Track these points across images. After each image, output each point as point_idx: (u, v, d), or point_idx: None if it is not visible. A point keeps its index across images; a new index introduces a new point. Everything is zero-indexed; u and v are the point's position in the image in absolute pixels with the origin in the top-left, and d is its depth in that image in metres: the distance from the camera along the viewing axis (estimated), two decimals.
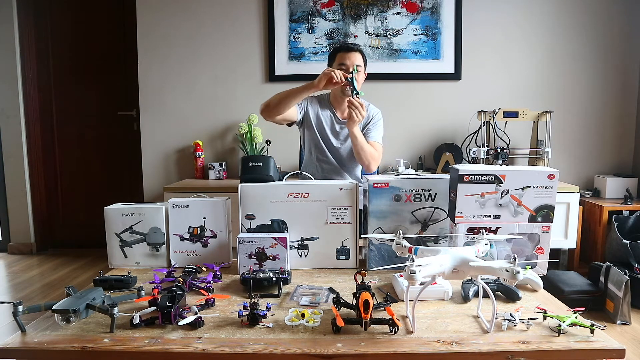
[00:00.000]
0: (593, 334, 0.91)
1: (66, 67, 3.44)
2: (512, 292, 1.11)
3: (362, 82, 2.05)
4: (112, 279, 1.21)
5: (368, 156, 1.97)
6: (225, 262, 1.38)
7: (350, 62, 1.97)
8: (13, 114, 3.35)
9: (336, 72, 1.78)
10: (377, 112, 2.13)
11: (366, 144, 1.97)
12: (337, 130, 2.11)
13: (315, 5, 3.09)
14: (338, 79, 1.78)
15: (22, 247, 3.45)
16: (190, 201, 1.37)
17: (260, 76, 3.18)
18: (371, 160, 1.98)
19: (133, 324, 0.95)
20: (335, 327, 0.93)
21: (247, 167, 1.40)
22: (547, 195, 1.19)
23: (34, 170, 3.45)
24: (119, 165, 3.51)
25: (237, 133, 3.18)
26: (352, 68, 1.92)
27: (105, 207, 1.38)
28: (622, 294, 2.11)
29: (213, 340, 0.91)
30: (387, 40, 3.10)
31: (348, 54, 1.98)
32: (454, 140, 3.12)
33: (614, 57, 3.07)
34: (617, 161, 3.15)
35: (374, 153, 2.00)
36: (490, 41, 3.10)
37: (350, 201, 1.35)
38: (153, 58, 3.17)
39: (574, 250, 2.78)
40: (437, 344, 0.89)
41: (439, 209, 1.33)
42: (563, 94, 3.11)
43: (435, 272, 0.90)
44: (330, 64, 2.05)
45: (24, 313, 0.96)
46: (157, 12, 3.14)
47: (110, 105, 3.45)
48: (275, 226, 1.36)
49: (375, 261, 1.35)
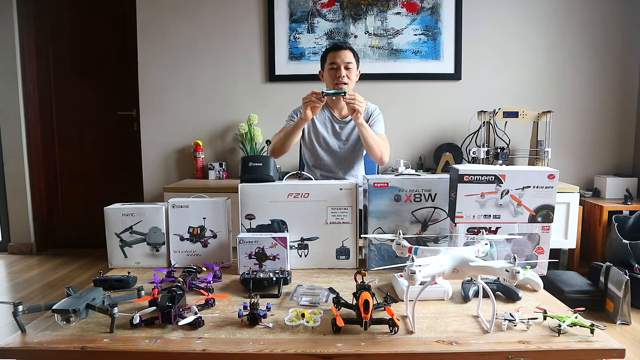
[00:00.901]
0: (593, 334, 0.91)
1: (66, 67, 3.44)
2: (512, 292, 1.11)
3: (356, 79, 2.05)
4: (112, 279, 1.21)
5: (380, 146, 1.94)
6: (225, 262, 1.38)
7: (340, 60, 1.96)
8: (13, 114, 3.35)
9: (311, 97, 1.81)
10: (375, 107, 2.12)
11: (375, 135, 1.95)
12: (337, 131, 2.09)
13: (315, 5, 3.09)
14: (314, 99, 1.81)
15: (22, 247, 3.45)
16: (190, 201, 1.37)
17: (260, 76, 3.18)
18: (383, 150, 1.95)
19: (133, 324, 0.95)
20: (335, 327, 0.93)
21: (247, 167, 1.40)
22: (547, 195, 1.19)
23: (34, 170, 3.45)
24: (119, 165, 3.50)
25: (237, 133, 3.18)
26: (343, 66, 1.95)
27: (105, 207, 1.38)
28: (622, 294, 2.11)
29: (213, 340, 0.91)
30: (387, 40, 3.10)
31: (338, 52, 1.98)
32: (454, 140, 3.12)
33: (614, 57, 3.07)
34: (617, 161, 3.15)
35: (384, 143, 1.98)
36: (490, 41, 3.10)
37: (350, 201, 1.35)
38: (153, 58, 3.17)
39: (574, 250, 2.78)
40: (437, 344, 0.89)
41: (439, 209, 1.33)
42: (563, 94, 3.11)
43: (435, 272, 0.90)
44: (323, 65, 2.06)
45: (24, 313, 0.96)
46: (157, 12, 3.14)
47: (110, 105, 3.45)
48: (275, 226, 1.36)
49: (375, 261, 1.35)
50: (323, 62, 2.06)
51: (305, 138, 2.10)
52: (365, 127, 1.90)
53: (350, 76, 1.98)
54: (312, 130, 2.09)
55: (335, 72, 1.97)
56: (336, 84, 1.97)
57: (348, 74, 1.97)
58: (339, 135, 2.09)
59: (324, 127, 2.09)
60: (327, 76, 2.02)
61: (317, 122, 2.08)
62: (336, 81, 1.97)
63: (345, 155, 2.10)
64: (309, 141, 2.10)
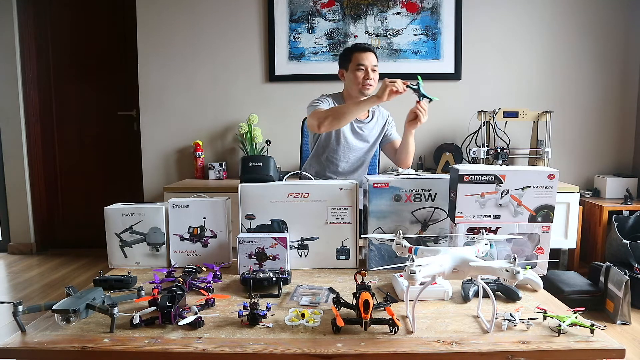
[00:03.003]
0: (593, 334, 0.91)
1: (66, 67, 3.44)
2: (512, 292, 1.11)
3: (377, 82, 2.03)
4: (112, 279, 1.21)
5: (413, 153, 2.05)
6: (225, 262, 1.38)
7: (368, 62, 1.97)
8: (13, 114, 3.35)
9: (398, 84, 1.74)
10: (387, 112, 2.17)
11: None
12: (357, 131, 2.07)
13: (315, 5, 3.09)
14: (401, 90, 1.75)
15: (22, 247, 3.45)
16: (190, 201, 1.37)
17: (260, 76, 3.18)
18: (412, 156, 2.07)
19: (133, 324, 0.95)
20: (335, 327, 0.93)
21: (247, 167, 1.40)
22: (547, 195, 1.19)
23: (34, 170, 3.45)
24: (119, 165, 3.50)
25: (237, 133, 3.18)
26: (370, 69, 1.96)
27: (105, 207, 1.38)
28: (622, 294, 2.11)
29: (213, 340, 0.91)
30: (387, 40, 3.10)
31: (365, 54, 1.97)
32: (454, 140, 3.12)
33: (614, 57, 3.07)
34: (617, 161, 3.15)
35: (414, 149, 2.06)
36: (490, 41, 3.09)
37: (350, 201, 1.35)
38: (153, 58, 3.17)
39: (574, 250, 2.78)
40: (437, 344, 0.89)
41: (439, 209, 1.33)
42: (563, 94, 3.11)
43: (435, 272, 0.90)
44: (346, 65, 2.02)
45: (24, 313, 0.96)
46: (157, 12, 3.14)
47: (110, 105, 3.45)
48: (275, 226, 1.36)
49: (375, 261, 1.35)
50: (346, 62, 2.02)
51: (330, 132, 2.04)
52: (413, 137, 1.98)
53: (375, 79, 1.99)
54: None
55: (362, 74, 1.97)
56: (363, 85, 1.97)
57: (374, 77, 1.98)
58: (360, 135, 2.08)
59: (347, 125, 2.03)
60: (353, 77, 1.99)
61: None
62: (364, 83, 1.97)
63: (361, 155, 2.11)
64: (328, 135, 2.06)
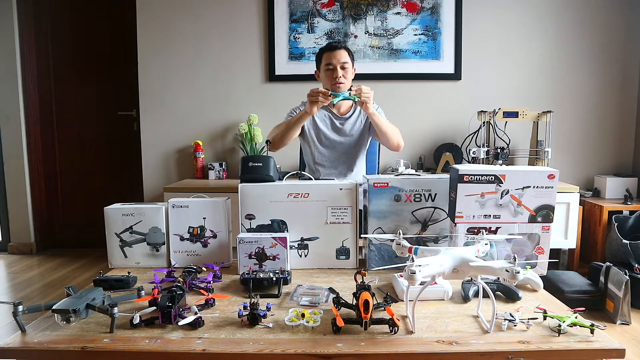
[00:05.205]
0: (593, 334, 0.91)
1: (66, 67, 3.44)
2: (512, 292, 1.11)
3: (352, 78, 2.05)
4: (112, 279, 1.21)
5: (394, 131, 1.98)
6: (225, 262, 1.38)
7: (336, 60, 1.97)
8: (13, 114, 3.35)
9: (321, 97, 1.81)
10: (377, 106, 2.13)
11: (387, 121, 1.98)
12: (338, 127, 2.10)
13: (315, 5, 3.09)
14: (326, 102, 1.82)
15: (22, 247, 3.45)
16: (190, 201, 1.37)
17: (260, 76, 3.18)
18: (398, 136, 2.00)
19: (133, 324, 0.95)
20: (335, 327, 0.93)
21: (247, 167, 1.40)
22: (547, 195, 1.19)
23: (34, 170, 3.45)
24: (119, 165, 3.50)
25: (237, 133, 3.18)
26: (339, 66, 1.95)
27: (105, 207, 1.38)
28: (622, 294, 2.11)
29: (213, 340, 0.91)
30: (387, 40, 3.10)
31: (333, 52, 1.98)
32: (454, 140, 3.12)
33: (614, 57, 3.07)
34: (617, 161, 3.15)
35: (397, 128, 2.01)
36: (490, 41, 3.09)
37: (350, 201, 1.35)
38: (153, 58, 3.17)
39: (574, 250, 2.78)
40: (437, 344, 0.89)
41: (439, 209, 1.33)
42: (563, 94, 3.11)
43: (435, 272, 0.90)
44: (318, 66, 2.06)
45: (24, 313, 0.96)
46: (157, 12, 3.13)
47: (110, 105, 3.45)
48: (275, 226, 1.36)
49: (375, 261, 1.35)
50: (318, 63, 2.06)
51: (306, 136, 2.11)
52: (376, 115, 1.91)
53: (346, 76, 1.99)
54: (313, 127, 2.10)
55: (332, 73, 1.98)
56: (333, 84, 1.98)
57: (344, 74, 1.98)
58: (340, 130, 2.10)
59: (324, 124, 2.10)
60: (324, 77, 2.03)
61: (317, 119, 2.09)
62: (333, 82, 1.97)
63: (347, 150, 2.11)
64: (310, 138, 2.11)
